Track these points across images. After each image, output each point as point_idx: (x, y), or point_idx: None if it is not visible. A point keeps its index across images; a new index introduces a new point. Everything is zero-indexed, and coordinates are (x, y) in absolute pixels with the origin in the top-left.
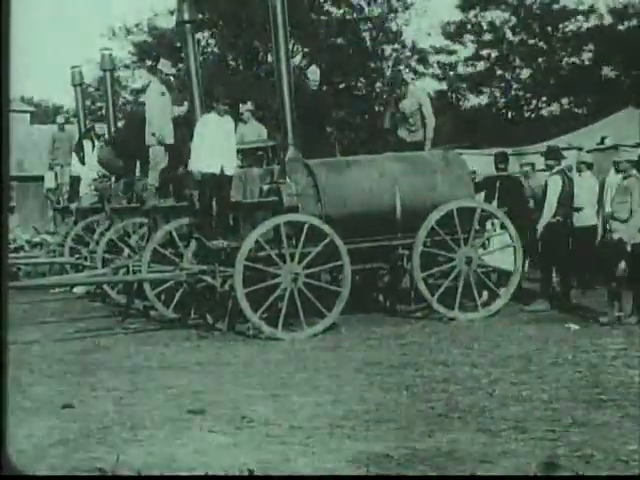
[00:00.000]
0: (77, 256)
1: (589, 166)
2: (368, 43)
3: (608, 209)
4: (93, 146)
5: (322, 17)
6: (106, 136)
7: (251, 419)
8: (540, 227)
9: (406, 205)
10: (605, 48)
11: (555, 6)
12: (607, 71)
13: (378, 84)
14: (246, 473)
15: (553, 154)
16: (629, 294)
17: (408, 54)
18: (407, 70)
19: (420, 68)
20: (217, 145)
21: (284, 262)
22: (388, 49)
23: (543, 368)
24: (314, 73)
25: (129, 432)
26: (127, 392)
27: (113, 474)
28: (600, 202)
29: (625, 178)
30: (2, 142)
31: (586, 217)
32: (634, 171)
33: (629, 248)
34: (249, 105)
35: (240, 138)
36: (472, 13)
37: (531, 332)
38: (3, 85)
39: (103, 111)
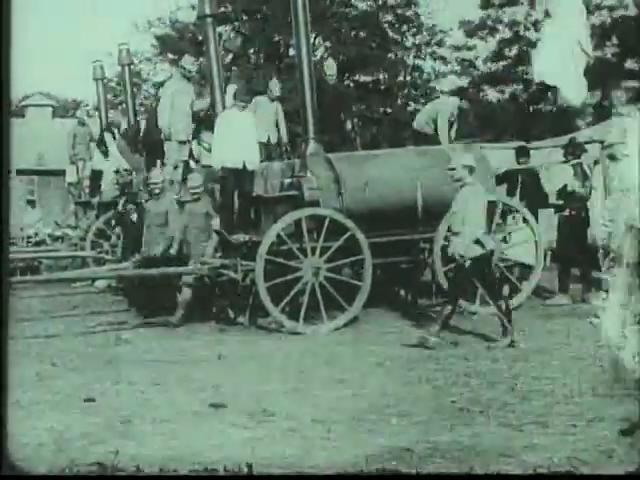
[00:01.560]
0: (99, 250)
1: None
2: (390, 35)
3: None
4: (114, 140)
5: (344, 10)
6: (123, 130)
7: (272, 413)
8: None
9: (427, 199)
10: (629, 41)
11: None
12: (630, 64)
13: (400, 78)
14: (245, 469)
15: (573, 147)
16: None
17: (429, 49)
18: (429, 60)
19: (440, 64)
20: (238, 140)
21: (305, 256)
22: (409, 41)
23: (565, 362)
24: (331, 67)
25: (150, 425)
26: (148, 385)
27: (113, 469)
28: None
29: None
30: (2, 142)
31: None
32: None
33: None
34: (277, 83)
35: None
36: (492, 10)
37: (553, 326)
38: (4, 86)
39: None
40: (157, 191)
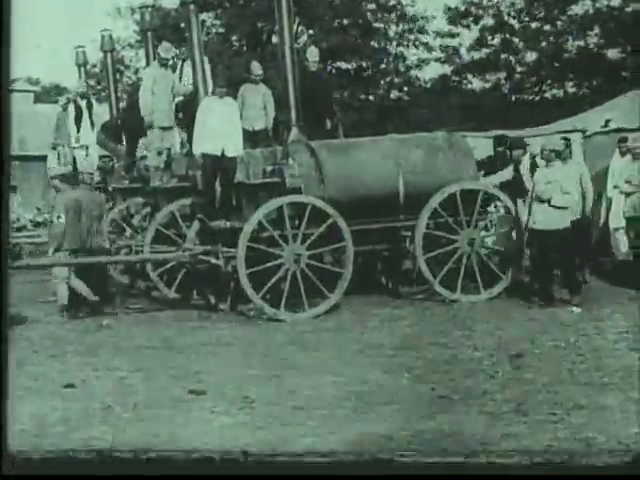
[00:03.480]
0: None
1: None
2: (373, 23)
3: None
4: (92, 126)
5: None
6: (104, 121)
7: (252, 400)
8: None
9: (409, 187)
10: (611, 31)
11: None
12: (613, 54)
13: (382, 65)
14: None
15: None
16: None
17: (412, 36)
18: (412, 48)
19: (424, 51)
20: (218, 127)
21: (287, 243)
22: (392, 29)
23: (545, 351)
24: (313, 54)
25: (131, 412)
26: (129, 372)
27: (110, 455)
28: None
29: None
30: (3, 128)
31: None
32: None
33: None
34: (259, 66)
35: (246, 99)
36: None
37: (533, 315)
38: (3, 74)
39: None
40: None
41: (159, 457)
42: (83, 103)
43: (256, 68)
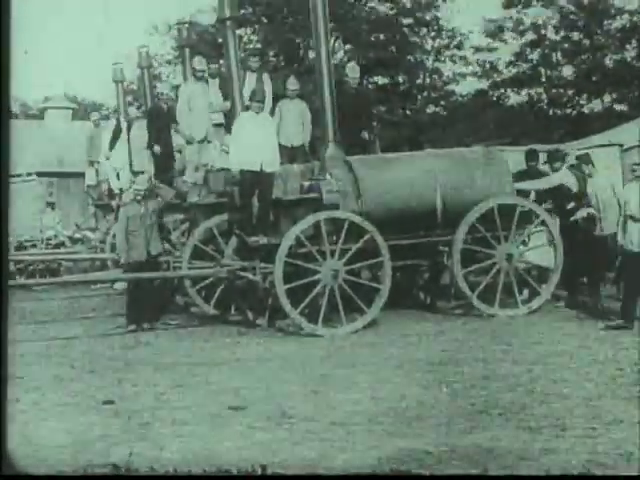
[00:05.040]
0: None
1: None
2: (409, 38)
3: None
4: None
5: (364, 13)
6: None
7: (291, 415)
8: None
9: (446, 202)
10: None
11: (601, 6)
12: None
13: (419, 80)
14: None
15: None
16: None
17: (449, 52)
18: (448, 63)
19: (461, 66)
20: (255, 142)
21: (324, 259)
22: (429, 44)
23: (584, 365)
24: (353, 70)
25: (170, 428)
26: (168, 388)
27: (127, 470)
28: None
29: None
30: (1, 143)
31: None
32: None
33: None
34: (295, 81)
35: (283, 114)
36: (514, 10)
37: (572, 329)
38: (3, 87)
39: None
40: (139, 197)
41: (197, 474)
42: (124, 124)
43: (292, 83)
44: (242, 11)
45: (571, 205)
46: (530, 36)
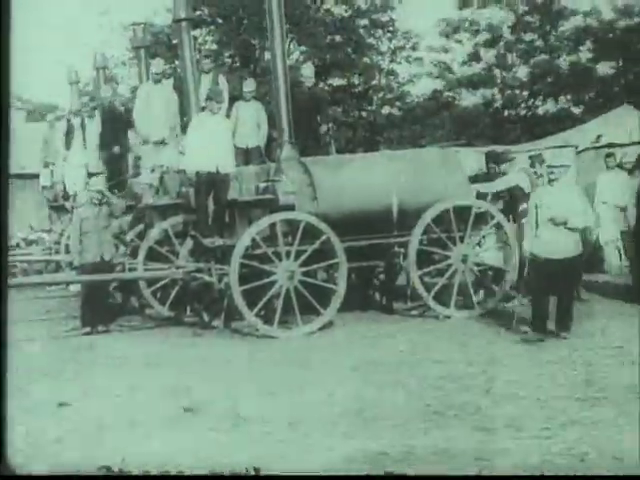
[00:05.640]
0: None
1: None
2: (365, 39)
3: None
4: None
5: (320, 15)
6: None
7: (247, 417)
8: None
9: (402, 203)
10: (603, 46)
11: (555, 7)
12: (605, 69)
13: (375, 81)
14: (251, 472)
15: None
16: None
17: (405, 53)
18: (404, 64)
19: (416, 67)
20: (211, 144)
21: (280, 260)
22: (385, 45)
23: (539, 366)
24: (309, 71)
25: (125, 430)
26: (123, 390)
27: (120, 473)
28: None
29: None
30: (1, 144)
31: None
32: None
33: None
34: (252, 83)
35: (240, 116)
36: (469, 11)
37: (527, 330)
38: (3, 89)
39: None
40: (94, 199)
41: (151, 475)
42: (77, 122)
43: (249, 85)
44: (197, 12)
45: (523, 206)
46: (485, 36)
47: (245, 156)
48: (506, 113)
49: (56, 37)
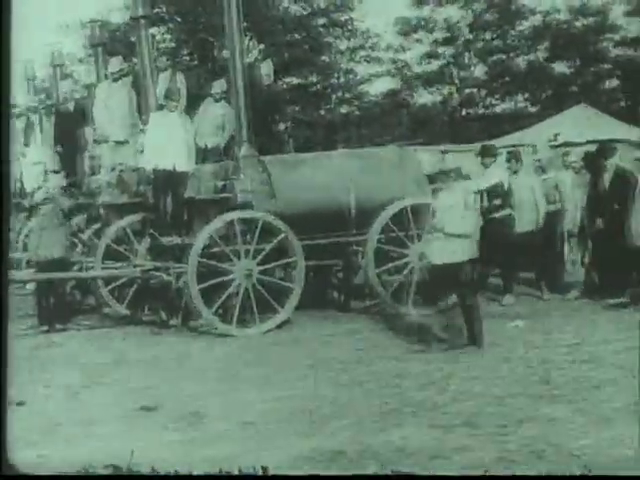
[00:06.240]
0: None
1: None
2: (323, 38)
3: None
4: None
5: (278, 13)
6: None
7: (204, 415)
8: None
9: (360, 202)
10: (560, 45)
11: (513, 7)
12: (561, 68)
13: (333, 80)
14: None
15: (488, 151)
16: None
17: (363, 52)
18: (363, 63)
19: (374, 65)
20: (169, 142)
21: (238, 258)
22: (344, 44)
23: (495, 364)
24: (267, 69)
25: (83, 428)
26: (81, 388)
27: (128, 471)
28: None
29: None
30: (2, 142)
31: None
32: None
33: None
34: (221, 84)
35: (206, 115)
36: (427, 10)
37: (484, 327)
38: (4, 87)
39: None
40: (50, 196)
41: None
42: (36, 118)
43: (217, 86)
44: (155, 10)
45: (498, 201)
46: (442, 35)
47: (204, 154)
48: (464, 112)
49: (13, 34)
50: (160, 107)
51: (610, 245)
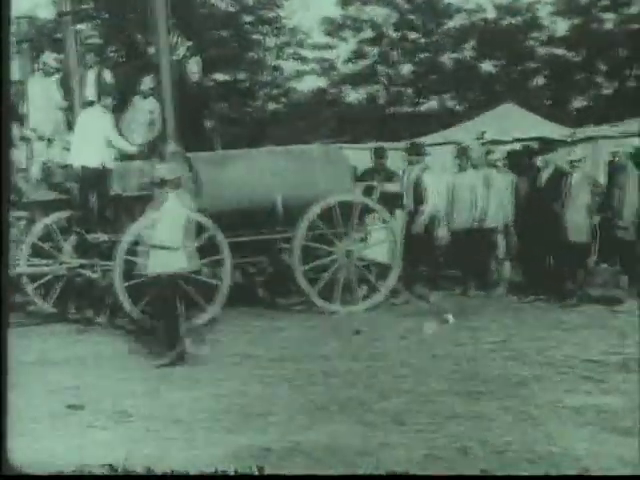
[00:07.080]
0: None
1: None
2: (251, 35)
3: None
4: None
5: (206, 10)
6: None
7: (131, 414)
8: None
9: (286, 199)
10: (486, 44)
11: (440, 5)
12: (488, 67)
13: (261, 77)
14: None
15: (415, 149)
16: None
17: (291, 49)
18: (290, 61)
19: (301, 63)
20: (96, 139)
21: None
22: (272, 41)
23: (422, 361)
24: (195, 66)
25: (7, 427)
26: (6, 387)
27: (124, 471)
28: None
29: None
30: (1, 141)
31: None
32: None
33: None
34: (150, 80)
35: (134, 112)
36: (352, 9)
37: (410, 325)
38: (4, 87)
39: None
40: None
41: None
42: None
43: (146, 82)
44: (82, 5)
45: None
46: (368, 34)
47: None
48: (390, 110)
49: None
50: (88, 104)
51: (539, 242)
